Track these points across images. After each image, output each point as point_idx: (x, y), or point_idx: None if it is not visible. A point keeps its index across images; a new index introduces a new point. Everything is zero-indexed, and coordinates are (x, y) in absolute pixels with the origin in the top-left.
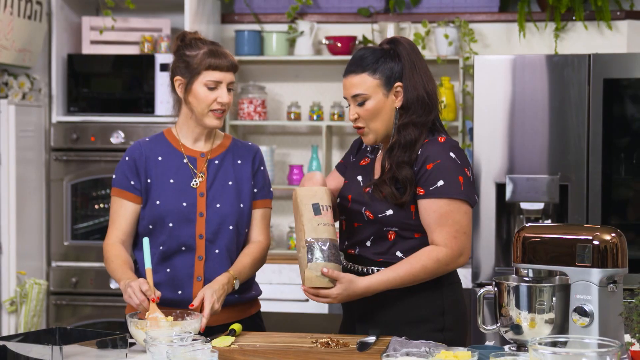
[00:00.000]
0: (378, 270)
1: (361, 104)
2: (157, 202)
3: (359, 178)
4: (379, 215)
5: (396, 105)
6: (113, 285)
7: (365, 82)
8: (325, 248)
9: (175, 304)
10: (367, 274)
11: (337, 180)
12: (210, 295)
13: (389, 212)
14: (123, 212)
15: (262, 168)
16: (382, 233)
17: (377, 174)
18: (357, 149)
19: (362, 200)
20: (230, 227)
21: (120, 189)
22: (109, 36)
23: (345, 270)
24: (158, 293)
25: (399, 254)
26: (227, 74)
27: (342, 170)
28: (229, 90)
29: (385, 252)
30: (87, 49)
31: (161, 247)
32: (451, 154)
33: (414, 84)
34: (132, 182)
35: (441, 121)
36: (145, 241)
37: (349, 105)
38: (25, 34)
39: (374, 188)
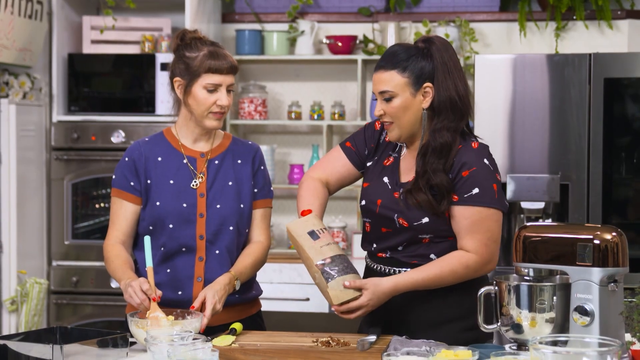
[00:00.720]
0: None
1: (388, 101)
2: (157, 203)
3: (385, 180)
4: (414, 223)
5: (424, 106)
6: (114, 284)
7: (393, 80)
8: (337, 264)
9: (175, 304)
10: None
11: (344, 168)
12: (211, 295)
13: (425, 219)
14: (123, 212)
15: (262, 167)
16: (416, 239)
17: (403, 175)
18: (376, 144)
19: (394, 208)
20: (231, 228)
21: (119, 189)
22: (109, 35)
23: (376, 272)
24: (159, 292)
25: (433, 256)
26: (226, 77)
27: (352, 157)
28: (228, 92)
29: (420, 255)
30: (88, 49)
31: (162, 248)
32: (485, 160)
33: (446, 86)
34: (132, 183)
35: (469, 125)
36: (147, 240)
37: (376, 99)
38: (25, 33)
39: (407, 194)
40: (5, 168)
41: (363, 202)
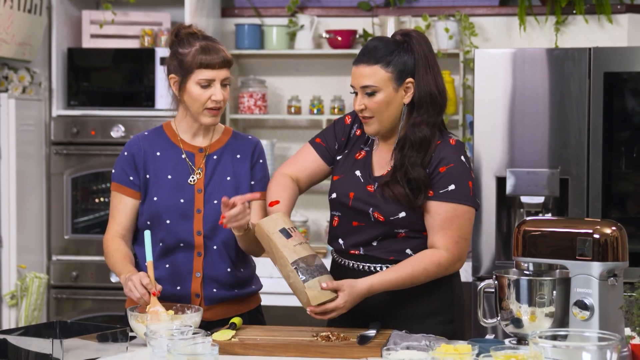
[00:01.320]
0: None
1: (370, 95)
2: (155, 199)
3: (358, 173)
4: (391, 218)
5: (405, 101)
6: (113, 279)
7: (376, 74)
8: (312, 264)
9: (174, 299)
10: (376, 272)
11: (314, 164)
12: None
13: (402, 214)
14: (122, 207)
15: (260, 161)
16: (391, 234)
17: (376, 169)
18: (346, 137)
19: (369, 201)
20: None
21: (119, 184)
22: (109, 30)
23: (348, 270)
24: (159, 287)
25: (409, 251)
26: (219, 71)
27: (322, 153)
28: (224, 86)
29: (396, 250)
30: (87, 43)
31: (160, 244)
32: (462, 157)
33: (427, 81)
34: (131, 178)
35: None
36: (147, 234)
37: (355, 93)
38: (25, 27)
39: (384, 187)
40: (5, 163)
41: (334, 195)
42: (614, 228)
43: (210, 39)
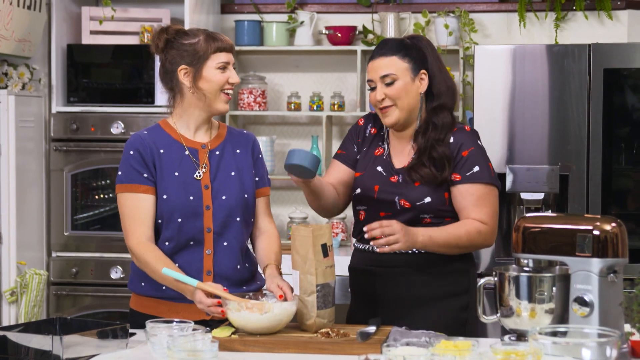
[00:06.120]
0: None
1: (389, 84)
2: (164, 197)
3: (379, 169)
4: (417, 203)
5: (420, 91)
6: (113, 275)
7: (395, 64)
8: (330, 293)
9: (183, 298)
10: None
11: (341, 173)
12: (284, 282)
13: (427, 199)
14: (143, 205)
15: (260, 156)
16: (417, 220)
17: (396, 163)
18: (362, 138)
19: (394, 190)
20: (238, 219)
21: (131, 184)
22: (108, 26)
23: (372, 254)
24: (218, 286)
25: None
26: (230, 55)
27: (345, 160)
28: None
29: None
30: (87, 39)
31: (167, 243)
32: (479, 141)
33: (442, 77)
34: (145, 175)
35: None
36: (166, 271)
37: (373, 88)
38: (24, 24)
39: (409, 171)
40: (5, 159)
41: (358, 191)
42: (613, 224)
43: (207, 30)
